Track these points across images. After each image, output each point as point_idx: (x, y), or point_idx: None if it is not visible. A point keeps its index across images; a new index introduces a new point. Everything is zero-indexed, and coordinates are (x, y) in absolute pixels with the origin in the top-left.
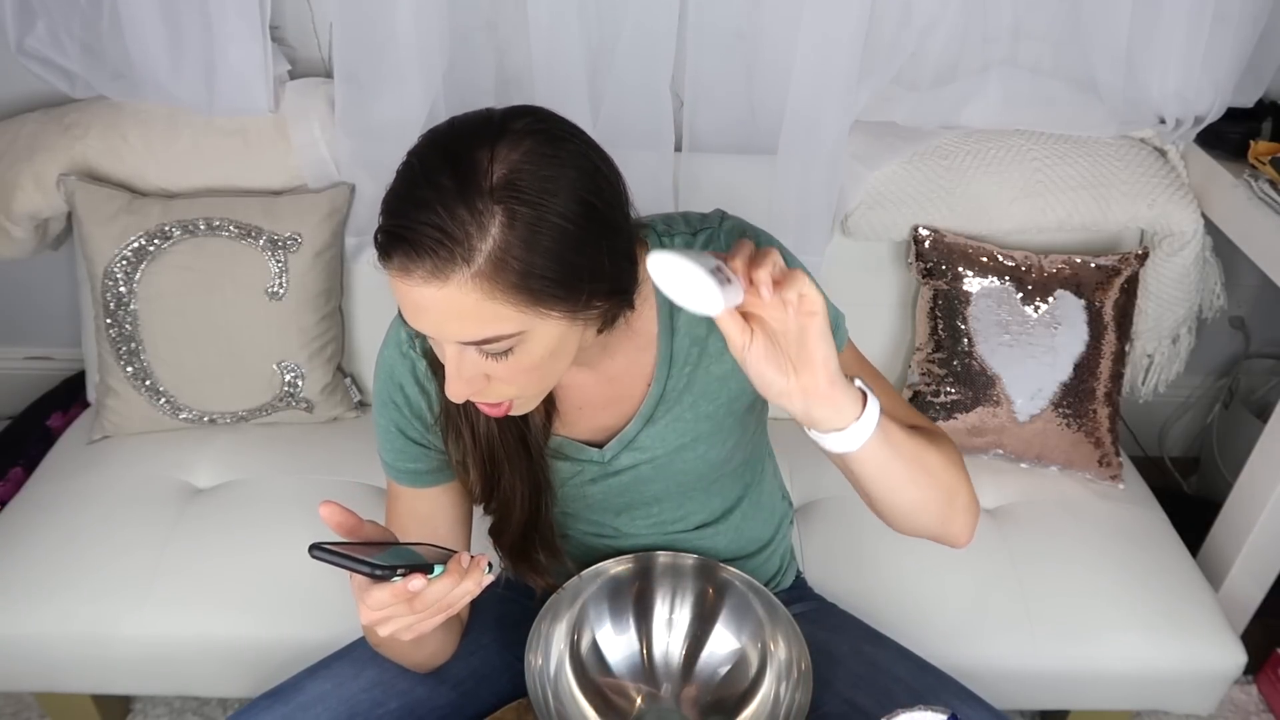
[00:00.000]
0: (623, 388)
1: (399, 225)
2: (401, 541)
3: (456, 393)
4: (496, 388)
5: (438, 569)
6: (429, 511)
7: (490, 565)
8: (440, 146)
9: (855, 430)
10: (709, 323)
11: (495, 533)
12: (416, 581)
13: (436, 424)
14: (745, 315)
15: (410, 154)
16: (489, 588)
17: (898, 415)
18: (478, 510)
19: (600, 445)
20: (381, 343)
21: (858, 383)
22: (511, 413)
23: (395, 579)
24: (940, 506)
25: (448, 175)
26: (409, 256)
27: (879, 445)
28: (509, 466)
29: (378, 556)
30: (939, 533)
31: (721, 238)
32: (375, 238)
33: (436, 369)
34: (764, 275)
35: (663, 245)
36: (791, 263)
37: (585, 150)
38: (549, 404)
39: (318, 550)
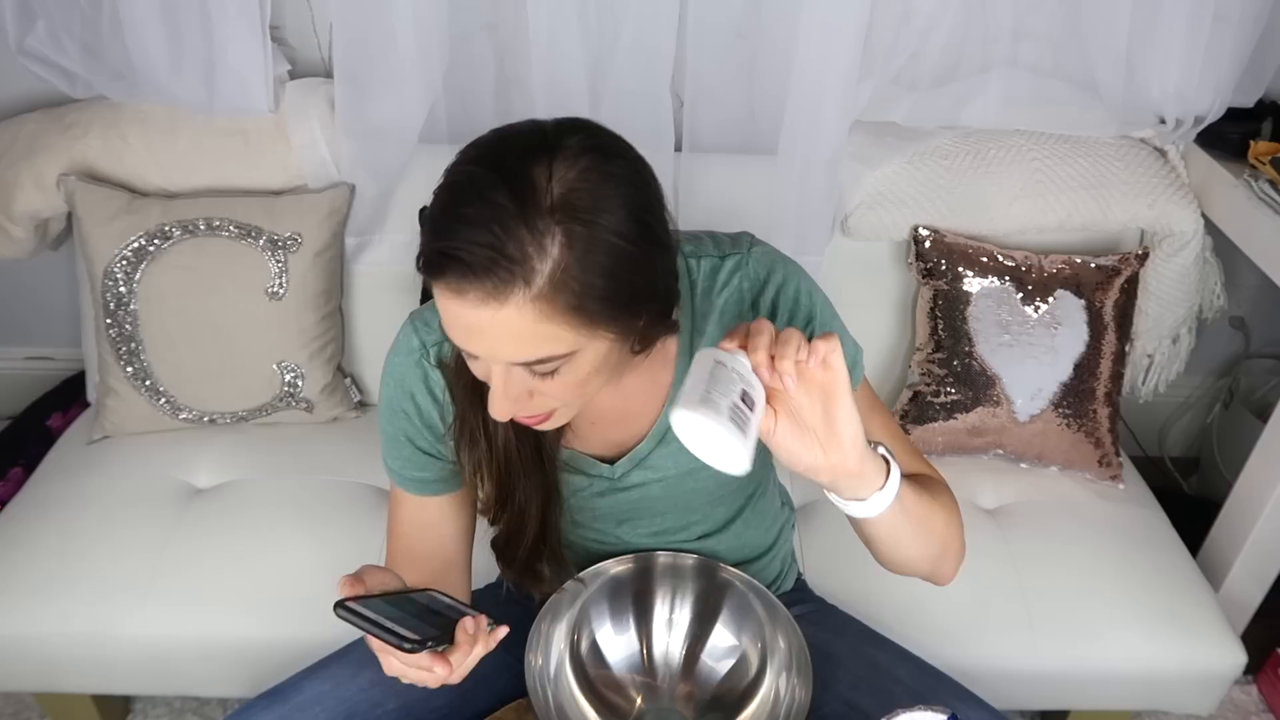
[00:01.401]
0: (638, 405)
1: (453, 245)
2: (412, 589)
3: (503, 412)
4: (539, 401)
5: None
6: (434, 519)
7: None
8: (491, 162)
9: (876, 500)
10: None
11: (501, 544)
12: (440, 666)
13: (449, 434)
14: (769, 395)
15: (455, 169)
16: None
17: (904, 463)
18: (482, 520)
19: (611, 461)
20: (389, 350)
21: (881, 450)
22: (548, 424)
23: (423, 650)
24: (934, 558)
25: (504, 193)
26: (464, 277)
27: (894, 512)
28: (525, 478)
29: (396, 605)
30: (927, 576)
31: (750, 265)
32: (421, 256)
33: (452, 380)
34: (788, 366)
35: (694, 338)
36: (824, 320)
37: (637, 166)
38: None
39: (343, 611)
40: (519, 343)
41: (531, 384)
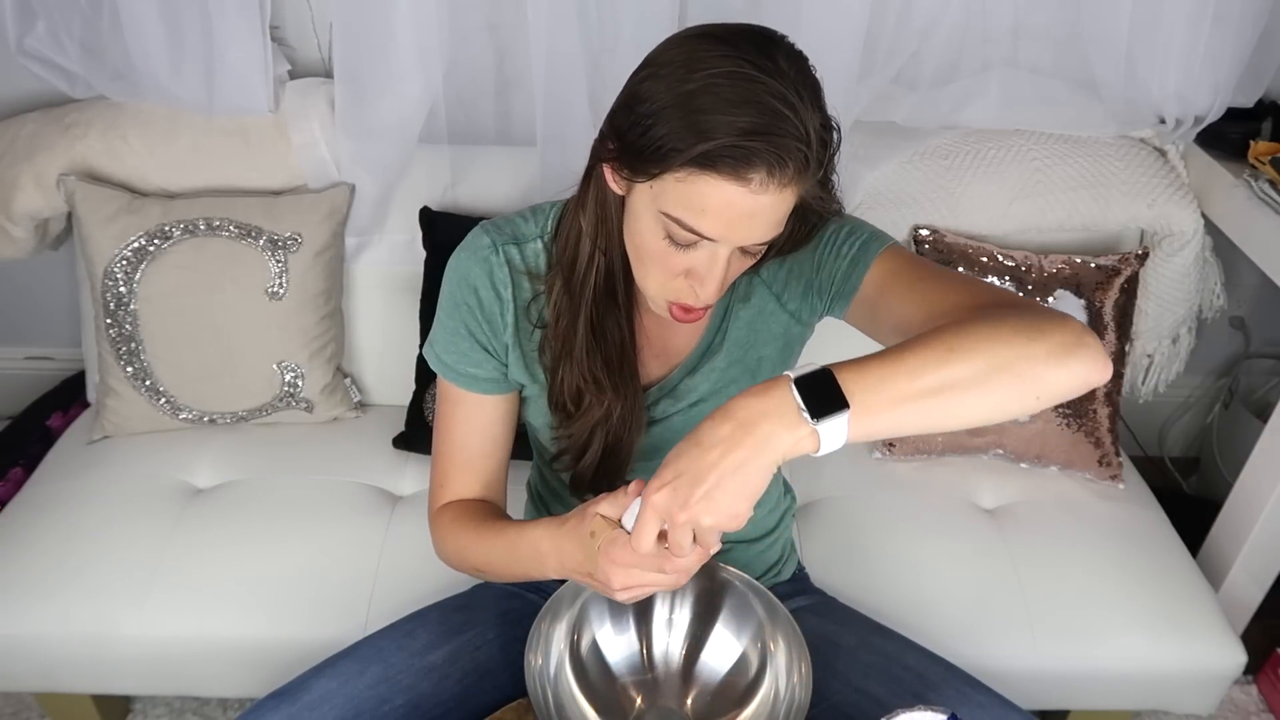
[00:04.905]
0: (678, 337)
1: (769, 140)
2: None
3: (715, 295)
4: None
5: None
6: (489, 420)
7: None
8: (749, 58)
9: (828, 436)
10: (748, 280)
11: (567, 457)
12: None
13: (511, 330)
14: None
15: (700, 72)
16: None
17: (946, 296)
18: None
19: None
20: (456, 249)
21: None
22: (697, 317)
23: None
24: (1018, 387)
25: (780, 84)
26: (772, 163)
27: (870, 418)
28: (614, 385)
29: None
30: (1056, 397)
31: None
32: (717, 153)
33: (517, 278)
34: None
35: None
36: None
37: None
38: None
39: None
40: (773, 224)
41: (733, 266)
